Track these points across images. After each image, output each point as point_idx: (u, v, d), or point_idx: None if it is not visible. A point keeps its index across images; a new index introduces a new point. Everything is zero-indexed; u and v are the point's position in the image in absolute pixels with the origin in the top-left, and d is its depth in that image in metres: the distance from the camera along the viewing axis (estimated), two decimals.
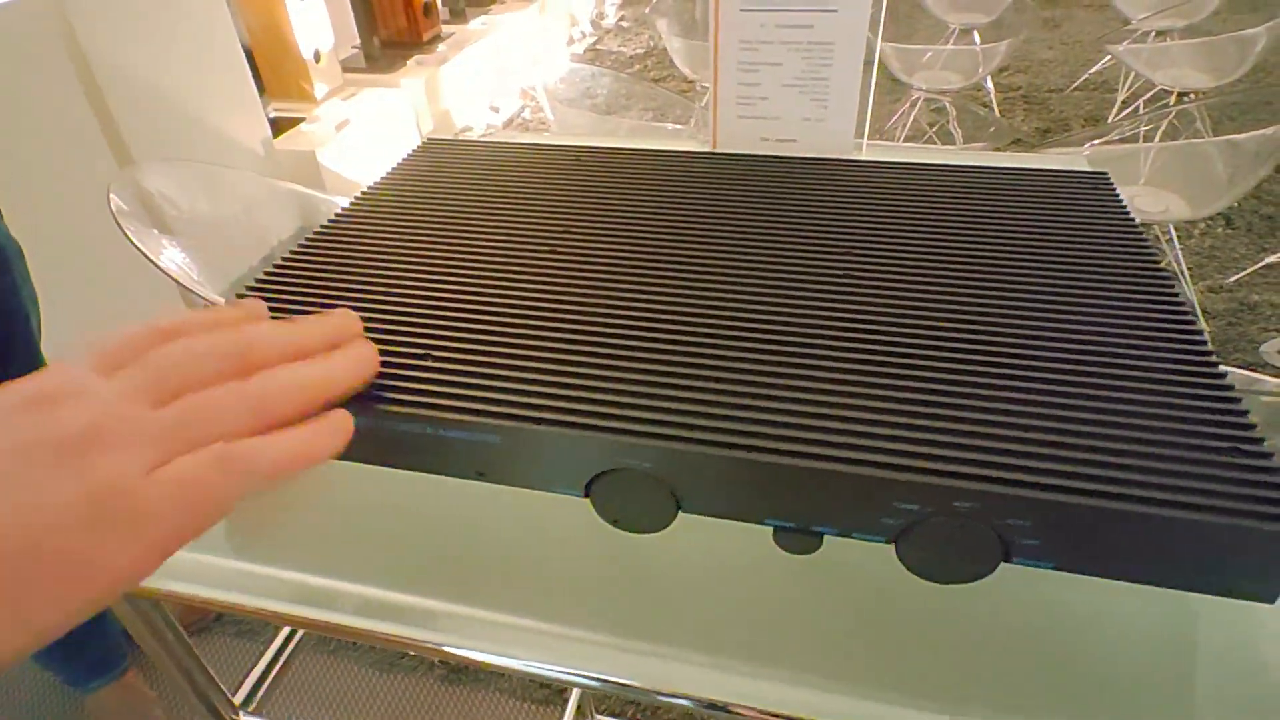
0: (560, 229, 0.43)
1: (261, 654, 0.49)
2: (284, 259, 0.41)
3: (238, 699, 0.44)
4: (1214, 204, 1.59)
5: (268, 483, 0.24)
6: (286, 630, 0.52)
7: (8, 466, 0.20)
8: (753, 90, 0.56)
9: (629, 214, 0.44)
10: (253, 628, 1.24)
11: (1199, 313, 1.76)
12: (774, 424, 0.29)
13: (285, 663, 0.49)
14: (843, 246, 0.41)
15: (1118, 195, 0.44)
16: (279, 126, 2.20)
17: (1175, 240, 1.77)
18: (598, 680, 0.31)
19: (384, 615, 0.33)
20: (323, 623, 0.32)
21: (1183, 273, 1.78)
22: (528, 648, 0.31)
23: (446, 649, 0.32)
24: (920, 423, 0.29)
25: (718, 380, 0.31)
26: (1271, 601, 0.27)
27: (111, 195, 1.06)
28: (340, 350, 0.29)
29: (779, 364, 0.32)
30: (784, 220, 0.43)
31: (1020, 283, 0.37)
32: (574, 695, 1.03)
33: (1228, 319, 1.77)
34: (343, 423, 0.27)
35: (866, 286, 0.37)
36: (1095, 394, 0.30)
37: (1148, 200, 1.64)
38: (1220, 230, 2.07)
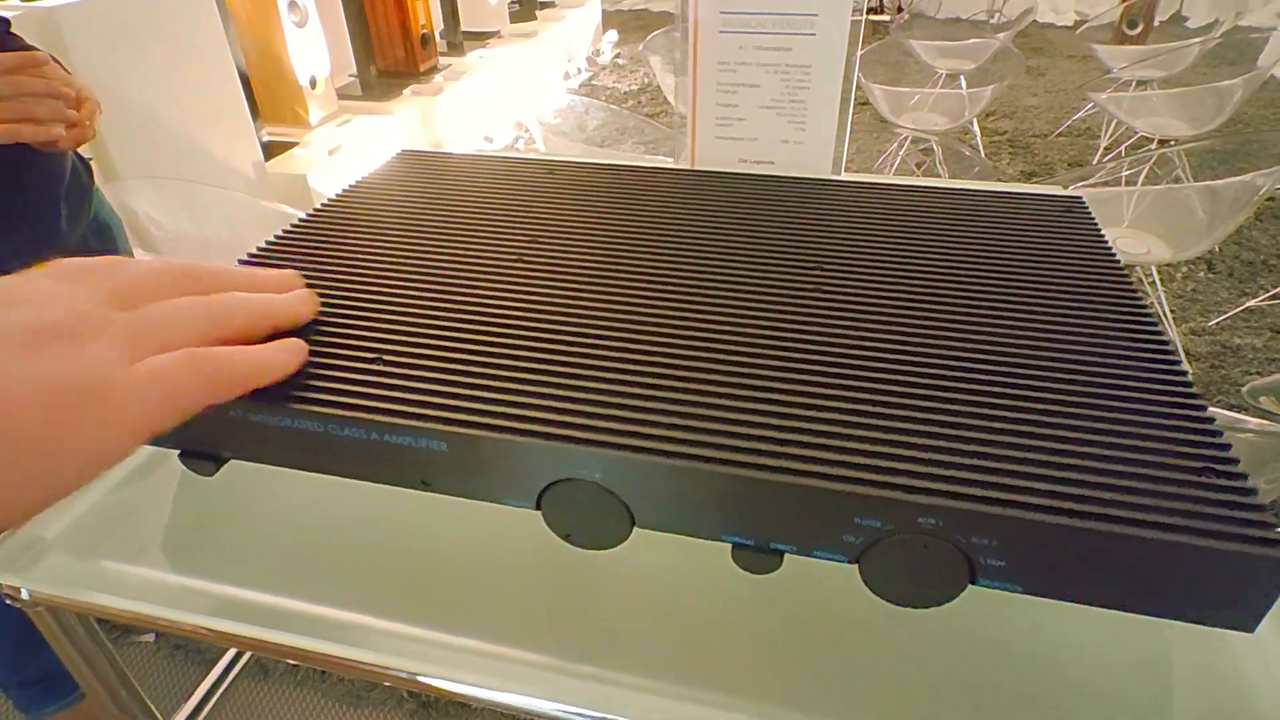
0: (526, 240, 0.42)
1: (204, 677, 0.46)
2: (249, 255, 0.40)
3: None
4: (1194, 247, 1.61)
5: (229, 390, 0.26)
6: (233, 652, 0.49)
7: None
8: (730, 111, 0.56)
9: (597, 226, 0.44)
10: (199, 647, 1.19)
11: (1182, 355, 1.76)
12: (729, 434, 0.28)
13: (229, 688, 0.46)
14: (812, 262, 0.40)
15: (1092, 218, 0.43)
16: (272, 150, 2.20)
17: (1158, 283, 1.78)
18: (548, 707, 0.29)
19: (318, 633, 0.31)
20: (254, 640, 0.30)
21: (1166, 315, 1.79)
22: (473, 670, 0.29)
23: (370, 666, 0.30)
24: (885, 436, 0.28)
25: (674, 390, 0.30)
26: (1250, 630, 0.26)
27: None
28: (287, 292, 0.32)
29: (737, 375, 0.31)
30: (754, 235, 0.43)
31: (994, 301, 0.37)
32: None
33: (1211, 361, 1.78)
34: (297, 346, 0.30)
35: (834, 301, 0.36)
36: (1065, 411, 0.29)
37: (1130, 242, 1.66)
38: (1202, 275, 2.10)
